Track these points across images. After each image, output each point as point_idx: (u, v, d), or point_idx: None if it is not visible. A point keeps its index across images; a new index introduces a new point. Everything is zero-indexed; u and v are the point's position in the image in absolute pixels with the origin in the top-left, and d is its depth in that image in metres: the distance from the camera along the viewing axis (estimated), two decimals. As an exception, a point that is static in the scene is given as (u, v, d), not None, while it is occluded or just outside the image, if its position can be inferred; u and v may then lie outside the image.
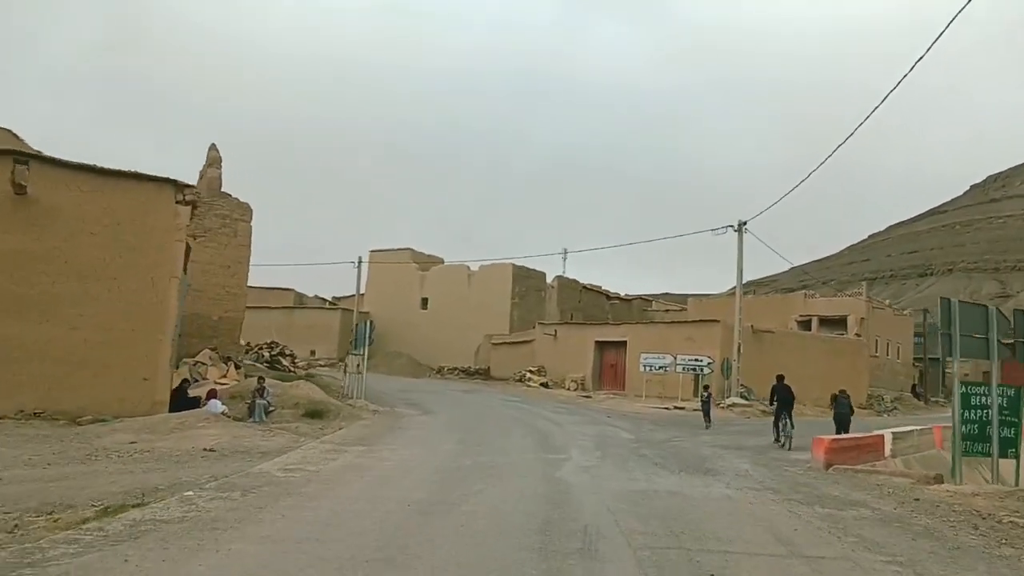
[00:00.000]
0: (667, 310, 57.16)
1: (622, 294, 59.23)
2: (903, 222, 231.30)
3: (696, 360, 35.69)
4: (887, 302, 56.65)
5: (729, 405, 35.82)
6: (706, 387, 28.61)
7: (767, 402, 23.38)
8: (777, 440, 20.11)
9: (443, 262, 55.70)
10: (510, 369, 45.22)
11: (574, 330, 43.77)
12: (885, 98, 21.65)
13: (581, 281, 55.44)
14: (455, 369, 47.74)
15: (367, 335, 26.51)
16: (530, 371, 43.58)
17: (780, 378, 21.27)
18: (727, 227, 37.59)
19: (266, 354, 38.22)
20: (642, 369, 36.28)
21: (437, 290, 53.97)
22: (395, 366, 50.52)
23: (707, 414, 25.77)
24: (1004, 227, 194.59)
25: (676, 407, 34.80)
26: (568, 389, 41.69)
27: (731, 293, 60.03)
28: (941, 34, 15.78)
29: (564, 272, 53.89)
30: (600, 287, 57.13)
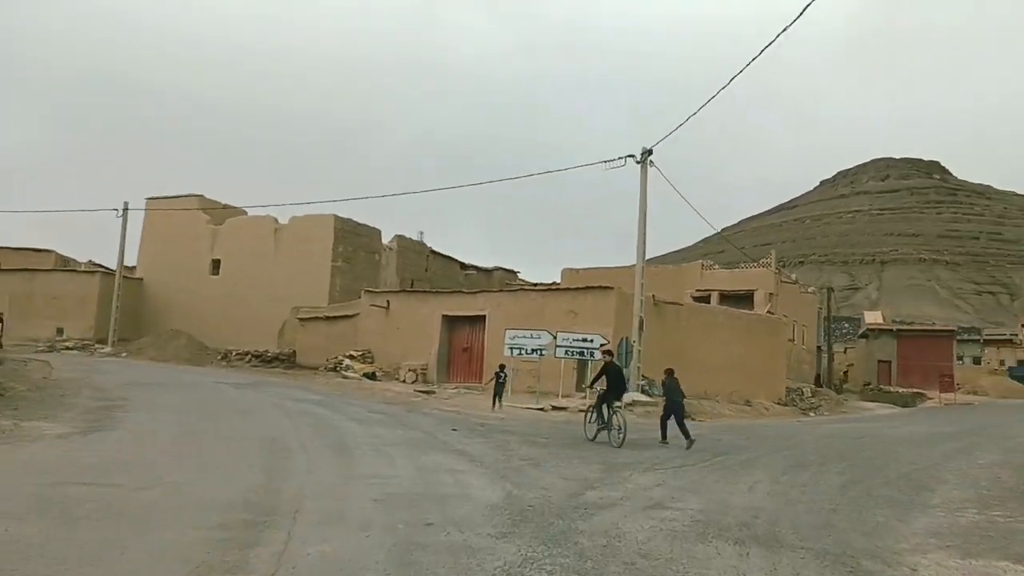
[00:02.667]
0: (536, 285, 46.01)
1: (483, 267, 47.54)
2: (756, 215, 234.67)
3: (585, 340, 24.63)
4: (794, 277, 48.24)
5: (627, 404, 25.05)
6: (502, 367, 23.17)
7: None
8: (602, 430, 15.66)
9: (245, 214, 42.10)
10: (325, 353, 32.75)
11: (414, 301, 31.80)
12: (759, 55, 18.30)
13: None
14: (247, 354, 34.61)
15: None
16: (351, 356, 31.33)
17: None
18: (627, 157, 26.98)
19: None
20: (508, 353, 24.89)
21: (234, 249, 40.38)
22: (169, 350, 36.89)
23: (498, 397, 22.33)
24: (853, 222, 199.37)
25: (555, 407, 23.75)
26: (404, 381, 29.88)
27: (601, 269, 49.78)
28: (791, 24, 16.03)
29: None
30: (453, 256, 45.43)
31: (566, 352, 24.46)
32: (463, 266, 43.94)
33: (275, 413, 17.92)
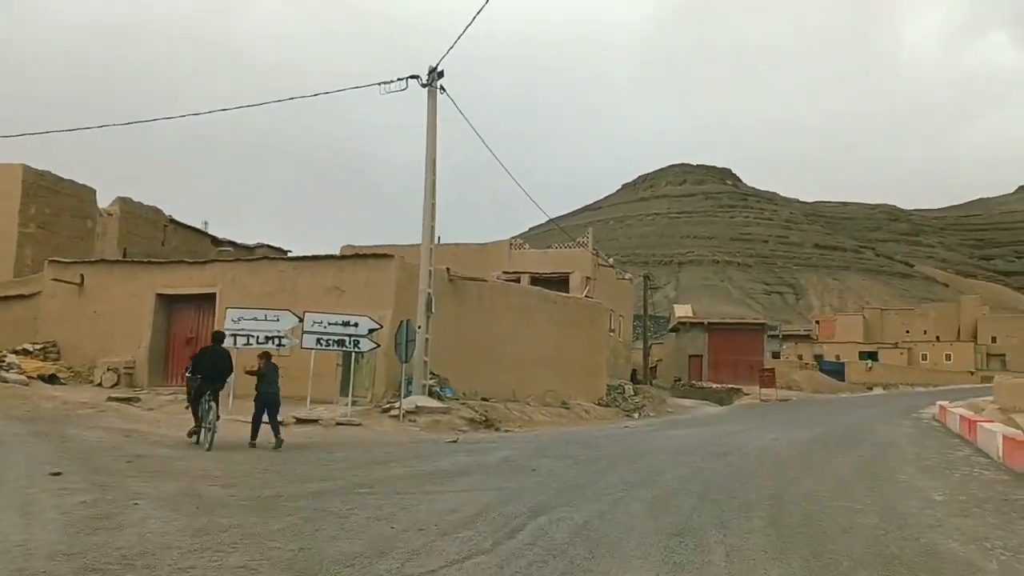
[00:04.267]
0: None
1: (242, 243, 38.61)
2: (562, 216, 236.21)
3: (347, 324, 17.45)
4: (610, 260, 43.48)
5: (409, 412, 18.15)
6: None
7: (188, 373, 13.90)
8: (196, 432, 12.83)
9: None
10: (-6, 348, 23.25)
11: (118, 275, 23.08)
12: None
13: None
14: None
15: None
16: (24, 351, 22.18)
17: (217, 338, 14.06)
18: (409, 78, 20.06)
19: None
20: (231, 342, 17.12)
21: None
22: None
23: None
24: (652, 224, 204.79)
25: (301, 419, 16.40)
26: (100, 384, 21.30)
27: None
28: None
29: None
30: (206, 230, 36.47)
31: (318, 341, 17.13)
32: (216, 241, 35.00)
33: None
